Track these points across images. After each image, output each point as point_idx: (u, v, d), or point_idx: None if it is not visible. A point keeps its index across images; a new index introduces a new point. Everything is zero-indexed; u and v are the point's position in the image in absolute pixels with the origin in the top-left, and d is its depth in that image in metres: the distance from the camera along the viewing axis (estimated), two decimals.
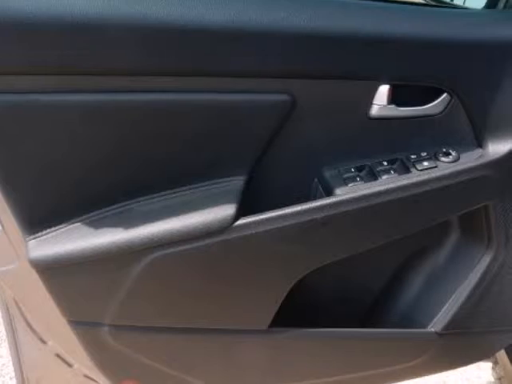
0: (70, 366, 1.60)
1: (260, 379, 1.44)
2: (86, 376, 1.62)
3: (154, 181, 1.09)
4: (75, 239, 1.03)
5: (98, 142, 1.00)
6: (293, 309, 1.29)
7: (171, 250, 1.06)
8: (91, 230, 1.05)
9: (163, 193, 1.10)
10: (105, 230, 1.05)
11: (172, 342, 1.25)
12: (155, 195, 1.10)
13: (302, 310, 1.38)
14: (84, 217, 1.07)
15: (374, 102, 1.11)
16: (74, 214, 1.06)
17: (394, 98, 1.11)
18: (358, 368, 1.52)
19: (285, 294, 1.21)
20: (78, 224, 1.06)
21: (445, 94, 1.14)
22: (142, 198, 1.09)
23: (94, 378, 1.38)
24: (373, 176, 1.17)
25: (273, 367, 1.41)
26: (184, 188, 1.11)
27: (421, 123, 1.17)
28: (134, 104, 0.98)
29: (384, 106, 1.11)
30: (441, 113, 1.15)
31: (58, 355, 1.56)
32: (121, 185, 1.07)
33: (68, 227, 1.06)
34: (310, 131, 1.13)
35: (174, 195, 1.11)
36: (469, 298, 1.42)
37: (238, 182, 1.12)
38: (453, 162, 1.18)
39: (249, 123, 1.06)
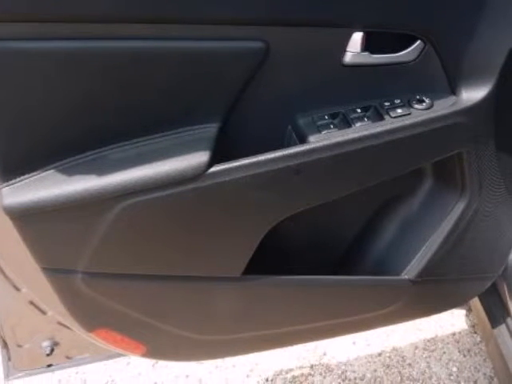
0: (43, 313, 1.64)
1: (234, 326, 1.49)
2: (59, 323, 1.66)
3: (127, 128, 1.10)
4: (49, 186, 1.05)
5: (71, 89, 1.01)
6: (267, 256, 1.32)
7: (144, 197, 1.08)
8: (64, 177, 1.06)
9: (136, 140, 1.11)
10: (78, 177, 1.06)
11: (145, 289, 1.27)
12: (128, 142, 1.11)
13: (275, 257, 1.41)
14: (57, 164, 1.08)
15: (348, 49, 1.13)
16: (47, 161, 1.07)
17: (367, 46, 1.13)
18: (332, 315, 1.58)
19: (258, 241, 1.24)
20: (52, 171, 1.07)
21: (418, 41, 1.16)
22: (115, 146, 1.10)
23: (68, 326, 1.40)
24: (346, 123, 1.19)
25: (246, 314, 1.45)
26: (157, 135, 1.12)
27: (394, 70, 1.19)
28: (107, 51, 0.99)
29: (358, 53, 1.13)
30: (414, 60, 1.18)
31: (31, 302, 1.60)
32: (94, 132, 1.08)
33: (41, 174, 1.07)
34: (283, 78, 1.15)
35: (147, 142, 1.12)
36: (442, 245, 1.47)
37: (211, 129, 1.13)
38: (426, 109, 1.21)
39: (223, 70, 1.08)
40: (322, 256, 1.56)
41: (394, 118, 1.20)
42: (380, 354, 2.50)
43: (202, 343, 1.50)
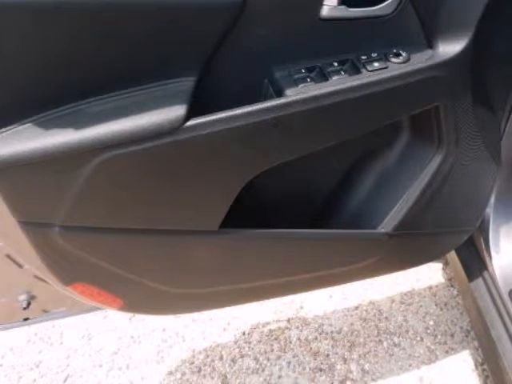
0: (20, 266, 1.66)
1: (211, 280, 1.51)
2: (36, 277, 1.69)
3: (103, 81, 1.11)
4: (26, 140, 1.05)
5: (47, 43, 1.02)
6: (244, 210, 1.35)
7: (121, 150, 1.09)
8: (41, 130, 1.07)
9: (113, 93, 1.12)
10: (55, 130, 1.07)
11: (122, 243, 1.29)
12: (105, 96, 1.12)
13: (253, 211, 1.44)
14: (34, 118, 1.08)
15: (325, 2, 1.14)
16: (23, 115, 1.08)
17: None
18: (309, 269, 1.61)
19: (235, 195, 1.27)
20: (28, 125, 1.08)
21: None
22: (91, 99, 1.11)
23: (45, 279, 1.42)
24: (323, 77, 1.21)
25: (223, 268, 1.48)
26: (134, 89, 1.13)
27: (371, 24, 1.21)
28: (83, 5, 0.99)
29: (334, 6, 1.15)
30: (391, 13, 1.20)
31: (8, 256, 1.61)
32: (70, 85, 1.09)
33: (18, 128, 1.07)
34: (260, 32, 1.16)
35: (124, 96, 1.13)
36: (419, 198, 1.51)
37: (188, 82, 1.14)
38: (403, 62, 1.24)
39: (199, 23, 1.09)
40: (299, 210, 1.59)
41: (371, 71, 1.22)
42: (357, 308, 2.55)
43: (178, 297, 1.52)
